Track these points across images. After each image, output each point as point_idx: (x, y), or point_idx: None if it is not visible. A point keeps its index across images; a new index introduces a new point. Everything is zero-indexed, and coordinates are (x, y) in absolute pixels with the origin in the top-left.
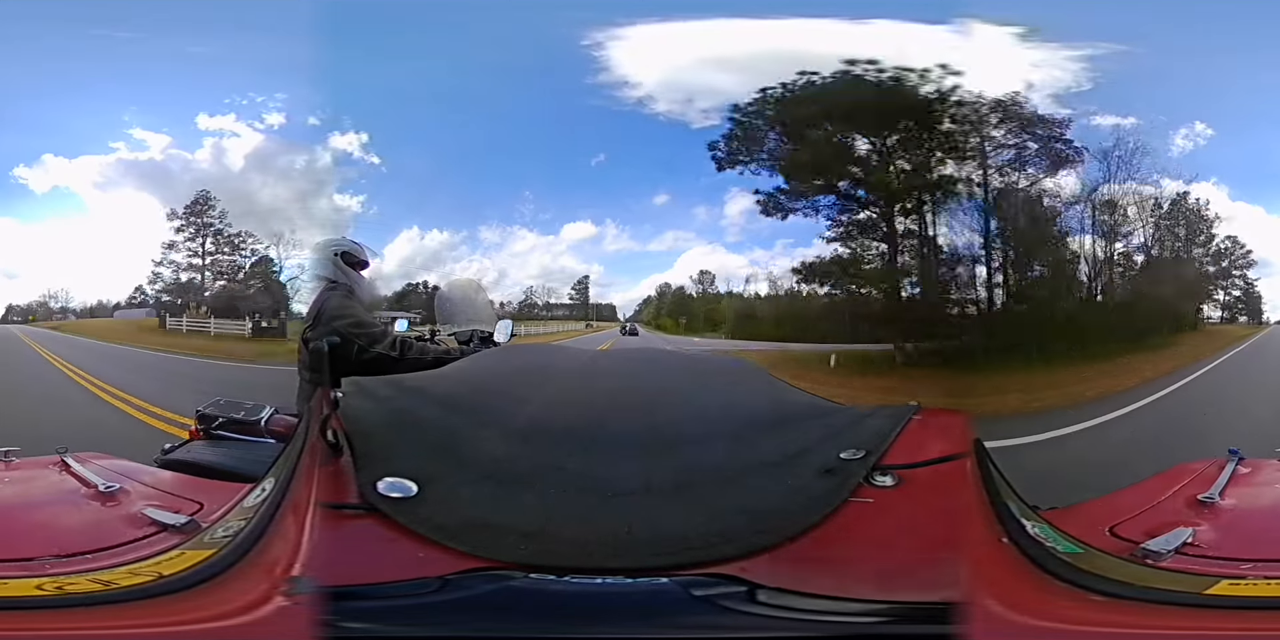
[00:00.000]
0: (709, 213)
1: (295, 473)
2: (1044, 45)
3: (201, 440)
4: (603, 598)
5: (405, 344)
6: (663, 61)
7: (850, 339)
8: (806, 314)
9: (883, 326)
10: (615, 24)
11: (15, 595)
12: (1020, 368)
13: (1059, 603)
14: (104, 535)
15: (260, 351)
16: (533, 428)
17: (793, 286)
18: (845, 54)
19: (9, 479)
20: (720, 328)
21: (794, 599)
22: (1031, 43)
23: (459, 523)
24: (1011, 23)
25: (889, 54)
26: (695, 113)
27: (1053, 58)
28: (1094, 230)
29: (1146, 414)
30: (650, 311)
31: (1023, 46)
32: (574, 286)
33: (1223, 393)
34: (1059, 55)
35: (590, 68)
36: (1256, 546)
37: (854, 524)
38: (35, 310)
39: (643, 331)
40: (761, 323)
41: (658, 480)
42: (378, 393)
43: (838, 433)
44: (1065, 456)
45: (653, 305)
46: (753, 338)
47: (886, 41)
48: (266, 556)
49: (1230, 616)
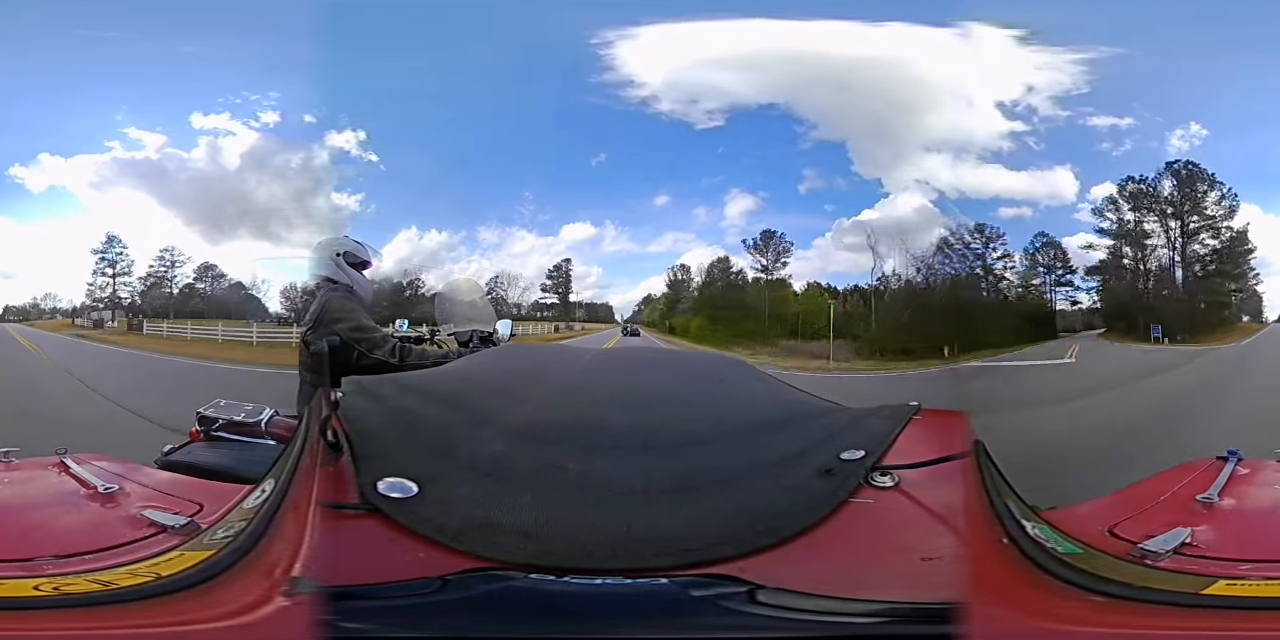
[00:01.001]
0: (709, 214)
1: (295, 473)
2: (1046, 48)
3: (201, 441)
4: (602, 598)
5: (405, 350)
6: (668, 61)
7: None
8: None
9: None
10: (633, 23)
11: (13, 595)
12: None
13: (1059, 603)
14: (103, 536)
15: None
16: (532, 428)
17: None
18: (854, 55)
19: (8, 479)
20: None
21: (794, 599)
22: (1033, 45)
23: (459, 523)
24: (1013, 25)
25: (895, 55)
26: (699, 114)
27: (1054, 61)
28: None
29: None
30: (657, 308)
31: (1024, 49)
32: (550, 274)
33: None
34: (1061, 58)
35: (595, 66)
36: (1255, 547)
37: (854, 524)
38: (29, 311)
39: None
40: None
41: (657, 480)
42: (378, 393)
43: (837, 433)
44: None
45: (662, 300)
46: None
47: (895, 43)
48: (266, 557)
49: (1228, 617)
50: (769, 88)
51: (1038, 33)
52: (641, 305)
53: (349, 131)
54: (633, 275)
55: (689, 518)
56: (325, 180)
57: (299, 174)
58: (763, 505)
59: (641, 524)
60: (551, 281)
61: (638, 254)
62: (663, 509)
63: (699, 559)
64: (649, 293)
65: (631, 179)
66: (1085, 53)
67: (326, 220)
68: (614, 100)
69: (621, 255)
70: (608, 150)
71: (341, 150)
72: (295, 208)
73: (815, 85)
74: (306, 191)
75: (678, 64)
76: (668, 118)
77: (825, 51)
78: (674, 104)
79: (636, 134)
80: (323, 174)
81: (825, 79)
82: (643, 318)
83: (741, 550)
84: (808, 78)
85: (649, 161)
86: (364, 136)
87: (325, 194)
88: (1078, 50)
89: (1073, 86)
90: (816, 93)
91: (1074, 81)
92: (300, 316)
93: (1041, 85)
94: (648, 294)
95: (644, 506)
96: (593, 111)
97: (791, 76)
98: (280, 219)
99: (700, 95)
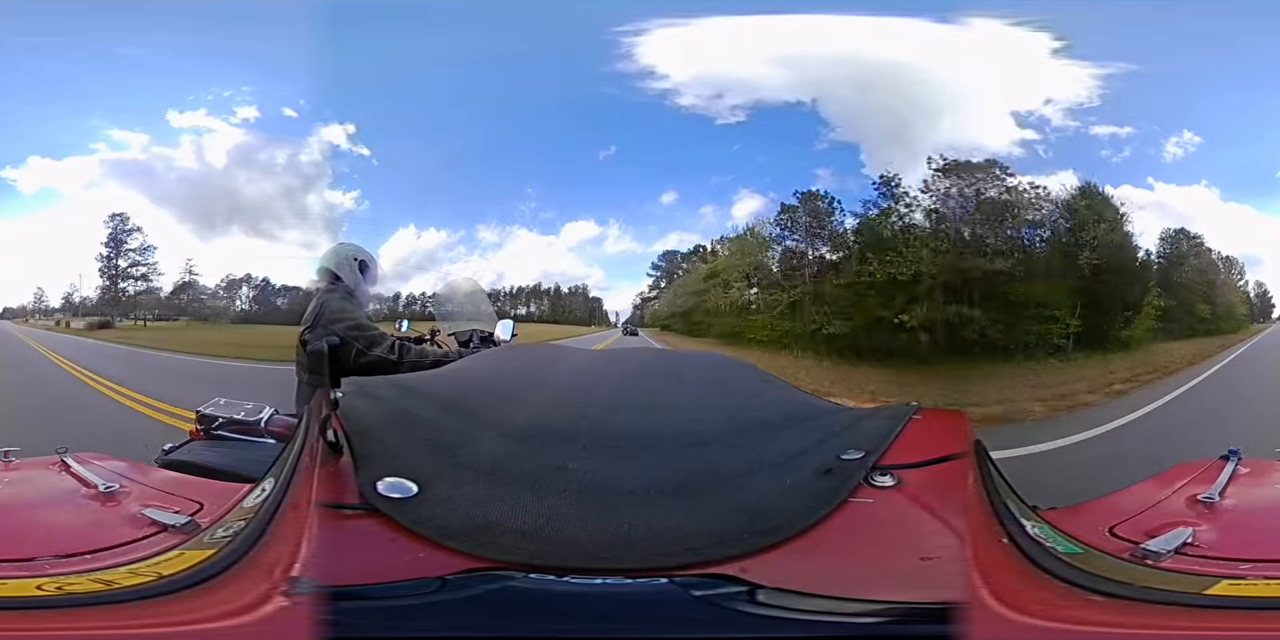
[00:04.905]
0: (716, 213)
1: (295, 473)
2: (1076, 62)
3: (201, 440)
4: (602, 598)
5: (404, 348)
6: (698, 53)
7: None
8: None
9: None
10: (677, 14)
11: (15, 595)
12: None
13: (1059, 603)
14: (104, 535)
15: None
16: (532, 428)
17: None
18: (891, 59)
19: (9, 479)
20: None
21: (794, 599)
22: (1062, 58)
23: (459, 523)
24: (1054, 27)
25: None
26: (724, 108)
27: (1080, 75)
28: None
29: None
30: (665, 303)
31: (1056, 60)
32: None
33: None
34: (1085, 72)
35: (611, 55)
36: (1257, 546)
37: (854, 524)
38: (27, 311)
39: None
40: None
41: (657, 480)
42: (378, 393)
43: (837, 433)
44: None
45: (675, 291)
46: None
47: (934, 44)
48: (266, 557)
49: (1231, 617)
50: (801, 85)
51: (1073, 45)
52: (642, 305)
53: (335, 125)
54: (634, 277)
55: (689, 517)
56: (314, 176)
57: (286, 170)
58: (763, 505)
59: (642, 524)
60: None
61: (640, 254)
62: (663, 509)
63: (699, 559)
64: (640, 297)
65: (639, 176)
66: (1106, 68)
67: (320, 218)
68: (630, 91)
69: (624, 256)
70: (617, 144)
71: (330, 144)
72: (285, 205)
73: (844, 85)
74: (296, 188)
75: (708, 56)
76: (687, 112)
77: (863, 50)
78: (696, 98)
79: (650, 128)
80: (311, 170)
81: (856, 78)
82: (642, 317)
83: (742, 550)
84: (840, 76)
85: (660, 157)
86: (353, 129)
87: (317, 191)
88: (1101, 66)
89: (1086, 100)
90: (844, 92)
91: (1089, 95)
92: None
93: (1060, 98)
94: (642, 292)
95: (644, 506)
96: (605, 103)
97: (827, 74)
98: (272, 217)
99: (728, 90)
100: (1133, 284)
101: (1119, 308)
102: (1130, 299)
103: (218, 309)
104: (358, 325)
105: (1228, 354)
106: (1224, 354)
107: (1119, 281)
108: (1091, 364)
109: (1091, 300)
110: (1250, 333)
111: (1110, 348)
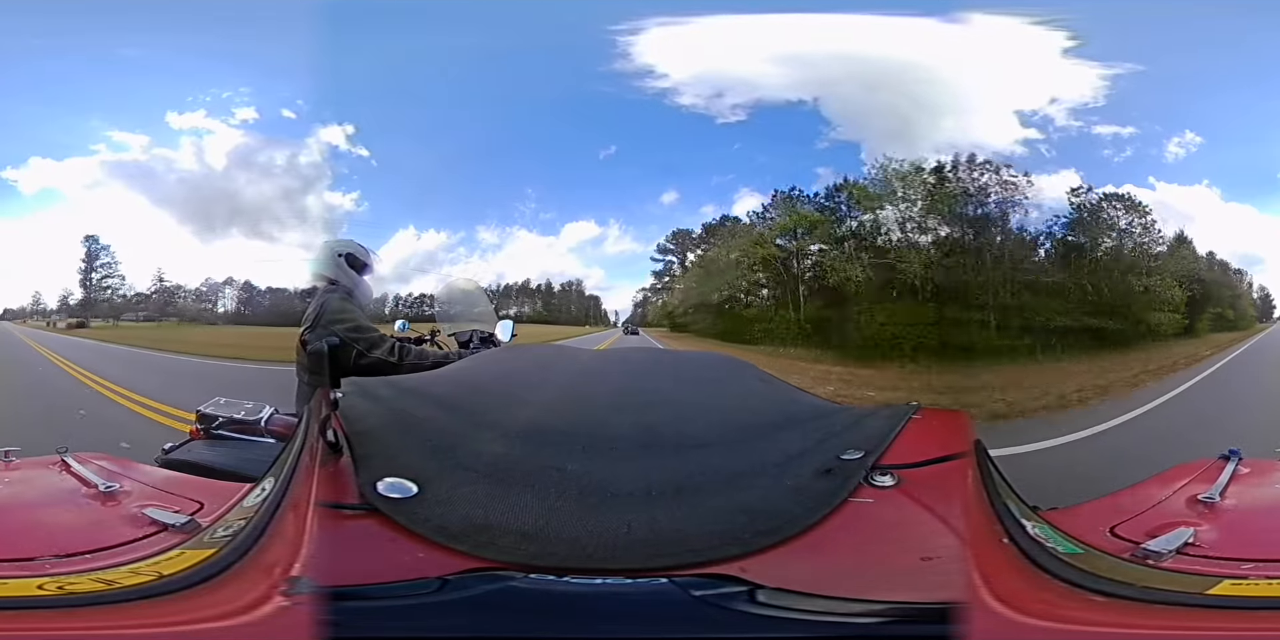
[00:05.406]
0: (716, 213)
1: (295, 473)
2: (1084, 62)
3: (201, 440)
4: (602, 598)
5: (404, 349)
6: (697, 52)
7: None
8: None
9: None
10: (676, 13)
11: (17, 595)
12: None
13: (1059, 603)
14: (104, 535)
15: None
16: (532, 428)
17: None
18: (896, 58)
19: (9, 479)
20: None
21: (794, 599)
22: (1072, 58)
23: (459, 523)
24: (1064, 27)
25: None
26: (724, 107)
27: (1088, 75)
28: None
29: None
30: (681, 294)
31: (1065, 60)
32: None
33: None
34: (1093, 73)
35: (609, 54)
36: (1258, 546)
37: (854, 524)
38: (25, 313)
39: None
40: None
41: (658, 481)
42: (378, 393)
43: (837, 433)
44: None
45: (686, 279)
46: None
47: (935, 41)
48: (266, 556)
49: (1232, 617)
50: (803, 84)
51: (1086, 44)
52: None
53: (334, 125)
54: (634, 278)
55: (689, 518)
56: (314, 177)
57: (285, 172)
58: (763, 505)
59: (642, 524)
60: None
61: (640, 254)
62: (663, 509)
63: (699, 559)
64: (643, 292)
65: (639, 176)
66: (1114, 68)
67: (319, 220)
68: (629, 90)
69: (625, 256)
70: (617, 144)
71: (329, 145)
72: (285, 207)
73: (847, 83)
74: (295, 190)
75: (708, 54)
76: (687, 111)
77: (868, 48)
78: (696, 97)
79: (650, 128)
80: (310, 171)
81: (860, 76)
82: (642, 317)
83: (742, 550)
84: (844, 74)
85: (660, 157)
86: (352, 130)
87: (316, 192)
88: (1110, 66)
89: (1091, 100)
90: (847, 90)
91: (1095, 95)
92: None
93: (1066, 97)
94: (641, 291)
95: (644, 506)
96: (605, 103)
97: (830, 72)
98: (271, 218)
99: (728, 88)
100: (1222, 291)
101: (1203, 309)
102: (1209, 305)
103: (197, 310)
104: (358, 328)
105: (1250, 340)
106: (1248, 340)
107: (1211, 291)
108: (1186, 344)
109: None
110: (1255, 331)
111: (1197, 334)
